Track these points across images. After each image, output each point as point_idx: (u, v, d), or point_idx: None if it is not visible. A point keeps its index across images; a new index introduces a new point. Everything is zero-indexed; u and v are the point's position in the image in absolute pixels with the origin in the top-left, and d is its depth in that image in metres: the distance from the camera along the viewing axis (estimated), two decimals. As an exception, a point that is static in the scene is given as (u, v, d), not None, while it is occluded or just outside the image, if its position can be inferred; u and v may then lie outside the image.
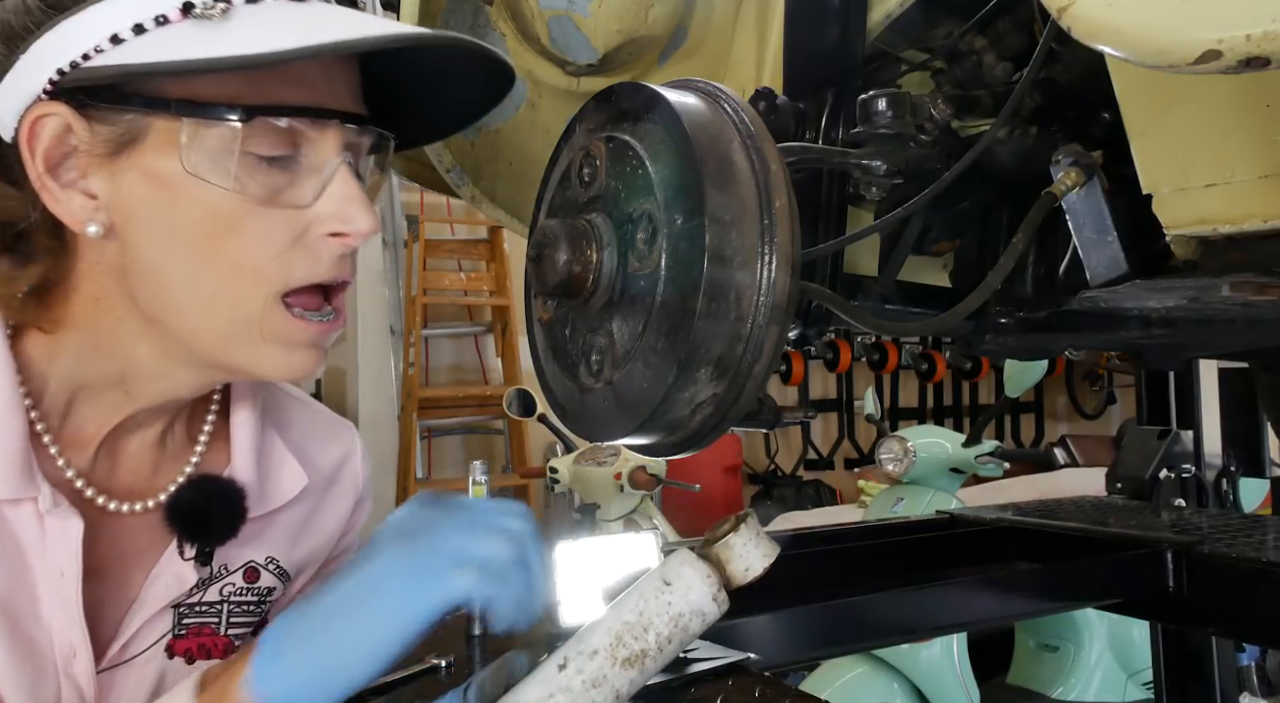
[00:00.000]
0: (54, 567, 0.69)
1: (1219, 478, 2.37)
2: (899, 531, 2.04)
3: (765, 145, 0.84)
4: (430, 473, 5.10)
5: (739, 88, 1.31)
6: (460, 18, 1.51)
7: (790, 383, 5.46)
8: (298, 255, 0.67)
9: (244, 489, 0.78)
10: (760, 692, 1.11)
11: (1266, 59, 0.58)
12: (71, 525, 0.69)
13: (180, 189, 0.64)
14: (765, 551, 0.63)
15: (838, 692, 2.71)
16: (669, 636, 0.61)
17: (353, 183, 0.68)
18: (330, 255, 0.68)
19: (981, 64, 1.30)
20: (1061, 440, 6.14)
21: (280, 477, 0.83)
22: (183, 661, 0.76)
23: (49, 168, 0.64)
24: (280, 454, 0.84)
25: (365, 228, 0.67)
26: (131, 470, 0.77)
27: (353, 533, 0.93)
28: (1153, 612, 1.96)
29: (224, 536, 0.76)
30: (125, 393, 0.72)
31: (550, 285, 0.88)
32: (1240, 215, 0.89)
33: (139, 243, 0.66)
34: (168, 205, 0.65)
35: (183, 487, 0.77)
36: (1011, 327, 1.33)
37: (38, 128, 0.64)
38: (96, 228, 0.65)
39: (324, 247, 0.68)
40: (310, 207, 0.67)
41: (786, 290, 0.82)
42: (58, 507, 0.69)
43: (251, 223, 0.65)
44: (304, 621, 0.60)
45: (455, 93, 0.76)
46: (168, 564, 0.76)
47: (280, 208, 0.66)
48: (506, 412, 3.67)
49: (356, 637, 0.59)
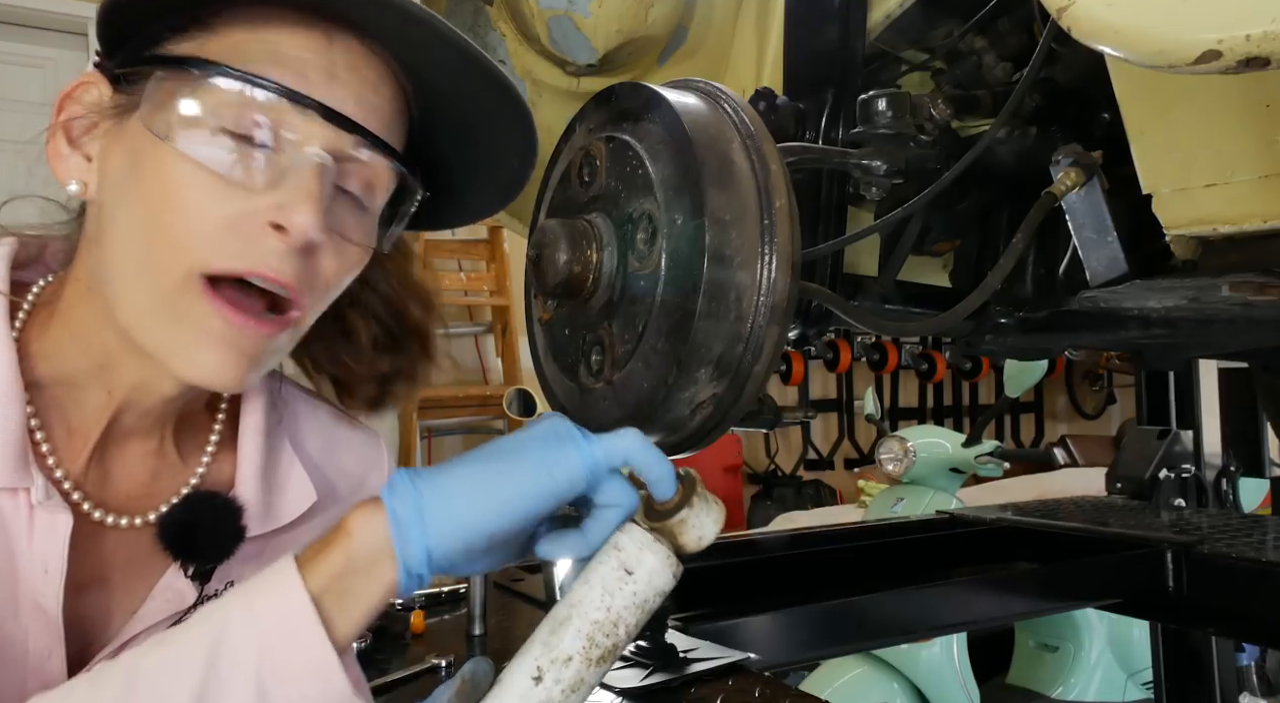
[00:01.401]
0: (39, 563, 0.67)
1: (1219, 478, 2.37)
2: (899, 531, 2.05)
3: (765, 145, 0.84)
4: (430, 473, 5.10)
5: (739, 88, 1.31)
6: (460, 18, 1.51)
7: (790, 383, 5.46)
8: (229, 238, 0.63)
9: (242, 508, 0.75)
10: (760, 692, 1.11)
11: (1266, 59, 0.58)
12: (60, 521, 0.67)
13: (144, 150, 0.65)
14: (715, 515, 0.63)
15: (838, 692, 2.72)
16: (637, 623, 0.61)
17: (314, 183, 0.63)
18: (265, 248, 0.63)
19: (981, 64, 1.30)
20: (1061, 440, 6.14)
21: (287, 494, 0.80)
22: None
23: (66, 128, 0.68)
24: (289, 470, 0.81)
25: (301, 223, 0.62)
26: (127, 482, 0.75)
27: None
28: (1153, 612, 1.96)
29: (216, 556, 0.74)
30: (107, 392, 0.71)
31: (550, 285, 0.88)
32: (1240, 215, 0.89)
33: (104, 204, 0.67)
34: (131, 166, 0.65)
35: (176, 504, 0.75)
36: (1011, 327, 1.33)
37: (77, 92, 0.69)
38: (76, 185, 0.67)
39: (261, 237, 0.63)
40: (260, 193, 0.63)
41: (786, 290, 0.82)
42: (49, 499, 0.67)
43: (193, 192, 0.63)
44: (438, 473, 0.61)
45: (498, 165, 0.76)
46: (171, 580, 0.74)
47: (228, 184, 0.63)
48: (506, 412, 3.66)
49: (507, 481, 0.61)
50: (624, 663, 1.21)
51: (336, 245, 0.68)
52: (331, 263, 0.68)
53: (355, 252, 0.70)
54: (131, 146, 0.66)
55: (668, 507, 0.63)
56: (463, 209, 0.82)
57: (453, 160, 0.77)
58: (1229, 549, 1.71)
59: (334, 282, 0.69)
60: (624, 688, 1.14)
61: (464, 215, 0.83)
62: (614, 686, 1.16)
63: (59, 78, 4.30)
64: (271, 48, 0.65)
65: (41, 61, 4.19)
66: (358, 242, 0.70)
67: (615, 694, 1.14)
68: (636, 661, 1.21)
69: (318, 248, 0.66)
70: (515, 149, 0.75)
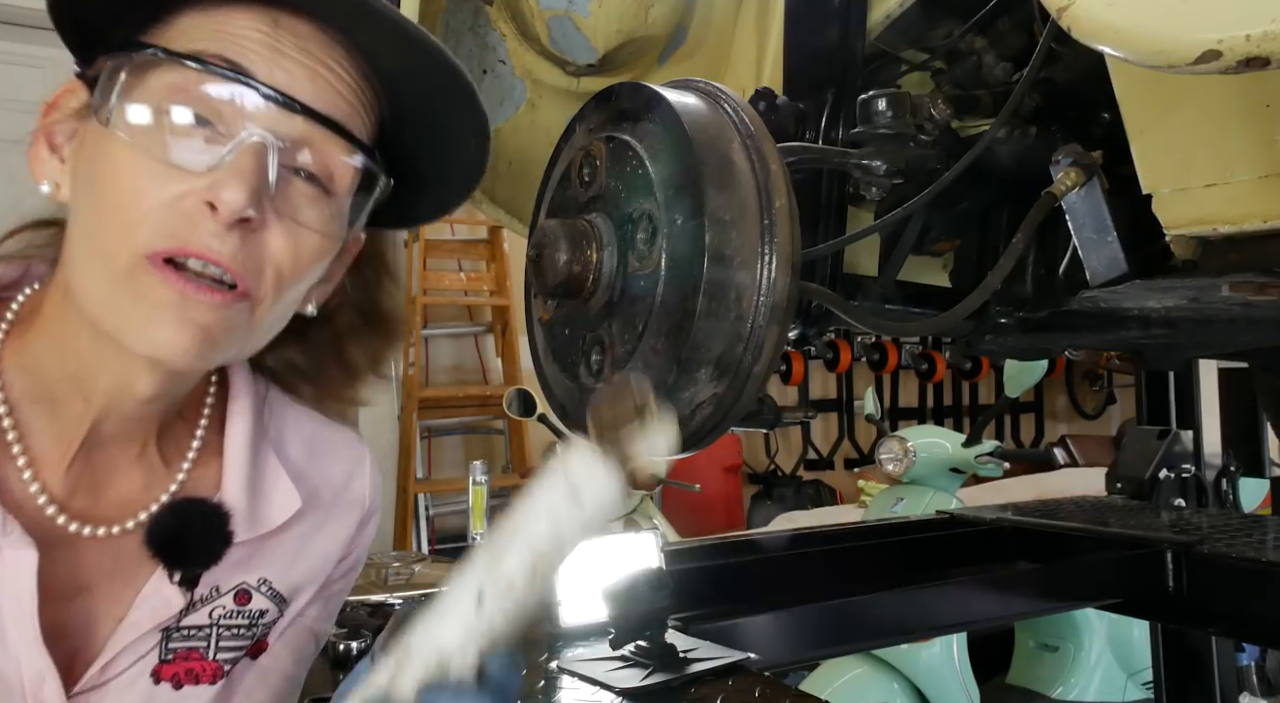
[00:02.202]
0: (12, 595, 0.66)
1: (1219, 478, 2.37)
2: (899, 531, 2.05)
3: (765, 145, 0.84)
4: (430, 473, 5.10)
5: (739, 88, 1.31)
6: (460, 18, 1.51)
7: (790, 383, 5.46)
8: (169, 218, 0.63)
9: (229, 514, 0.75)
10: (760, 692, 1.11)
11: (1266, 59, 0.58)
12: (25, 556, 0.66)
13: (97, 141, 0.66)
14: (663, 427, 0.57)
15: (838, 692, 2.72)
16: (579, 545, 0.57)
17: (247, 161, 0.63)
18: (202, 228, 0.63)
19: (981, 64, 1.30)
20: (1061, 440, 6.14)
21: (273, 500, 0.80)
22: (169, 686, 0.74)
23: (48, 134, 0.70)
24: (274, 476, 0.81)
25: (230, 200, 0.62)
26: (111, 491, 0.74)
27: (358, 551, 0.89)
28: (1153, 612, 1.96)
29: (205, 562, 0.73)
30: (84, 401, 0.70)
31: (550, 285, 0.88)
32: (1240, 215, 0.89)
33: (72, 202, 0.69)
34: (89, 158, 0.67)
35: (163, 510, 0.74)
36: (1011, 327, 1.33)
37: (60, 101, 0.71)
38: (49, 186, 0.70)
39: (198, 217, 0.63)
40: (201, 175, 0.64)
41: (786, 290, 0.82)
42: (8, 536, 0.66)
43: (135, 177, 0.64)
44: None
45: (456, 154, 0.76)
46: (157, 587, 0.74)
47: (169, 167, 0.64)
48: (506, 412, 3.66)
49: None
50: (624, 663, 1.21)
51: (288, 229, 0.67)
52: (281, 246, 0.67)
53: (312, 237, 0.69)
54: (91, 142, 0.67)
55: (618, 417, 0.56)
56: (434, 201, 0.81)
57: (418, 150, 0.77)
58: (1229, 549, 1.71)
59: (289, 267, 0.68)
60: (624, 688, 1.14)
61: (434, 208, 0.82)
62: (614, 686, 1.16)
63: (59, 78, 4.27)
64: (215, 32, 0.66)
65: (41, 61, 4.19)
66: (312, 226, 0.69)
67: (615, 694, 1.14)
68: (636, 661, 1.21)
69: (262, 229, 0.66)
70: (470, 129, 0.74)
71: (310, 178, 0.68)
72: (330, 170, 0.69)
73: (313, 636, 0.86)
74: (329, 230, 0.70)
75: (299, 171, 0.68)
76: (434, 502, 4.98)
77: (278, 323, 0.73)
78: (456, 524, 4.97)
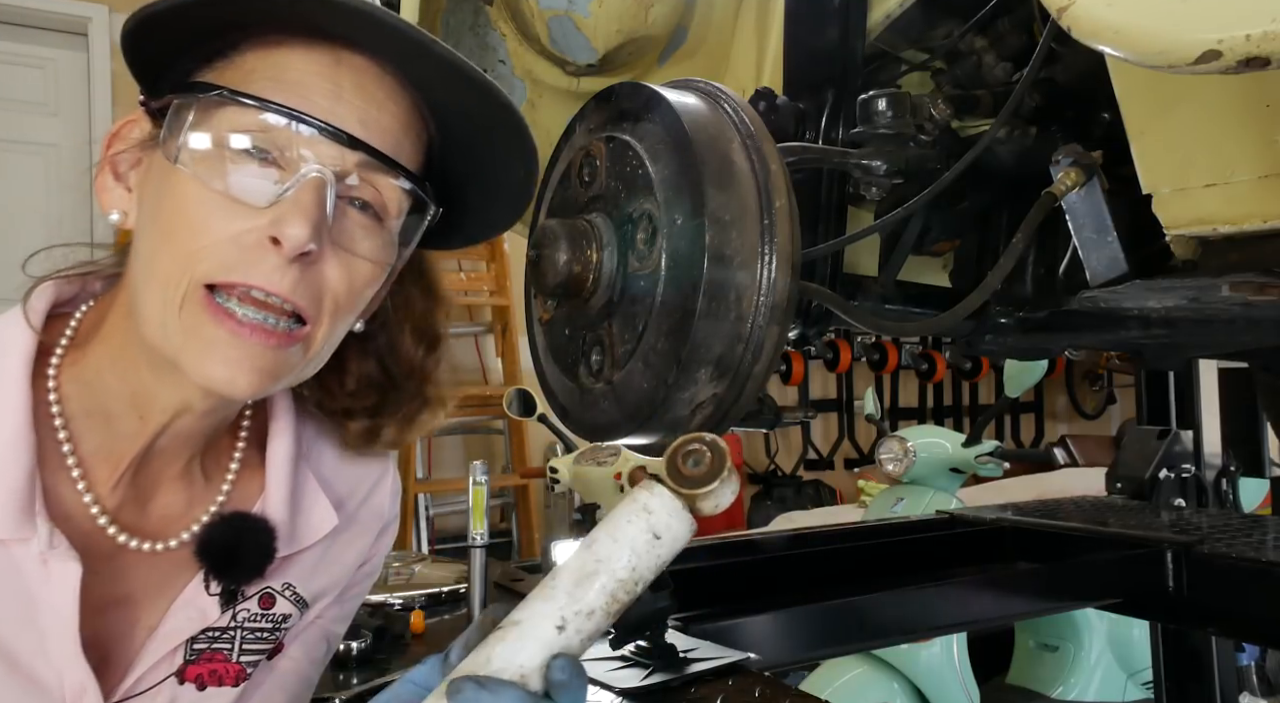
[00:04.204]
0: (55, 607, 0.68)
1: (1219, 478, 2.37)
2: (899, 531, 2.04)
3: (765, 145, 0.84)
4: (430, 473, 5.10)
5: (739, 88, 1.31)
6: (460, 18, 1.51)
7: (790, 383, 5.46)
8: (231, 251, 0.66)
9: (275, 529, 0.77)
10: (760, 692, 1.11)
11: (1266, 59, 0.58)
12: (70, 570, 0.68)
13: (164, 175, 0.68)
14: (734, 487, 0.64)
15: (838, 692, 2.71)
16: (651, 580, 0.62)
17: (309, 197, 0.66)
18: (264, 262, 0.66)
19: (981, 64, 1.30)
20: (1061, 440, 6.13)
21: (312, 517, 0.82)
22: (193, 687, 0.76)
23: (113, 164, 0.73)
24: (313, 493, 0.83)
25: (294, 236, 0.64)
26: (159, 507, 0.76)
27: (375, 560, 0.91)
28: (1153, 612, 1.96)
29: (251, 575, 0.76)
30: (140, 418, 0.72)
31: (550, 285, 0.88)
32: (1240, 215, 0.89)
33: (137, 228, 0.71)
34: (155, 191, 0.69)
35: (215, 523, 0.76)
36: (1011, 327, 1.33)
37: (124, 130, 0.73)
38: (118, 215, 0.72)
39: (260, 251, 0.66)
40: (263, 211, 0.66)
41: (786, 290, 0.82)
42: (54, 549, 0.68)
43: (200, 211, 0.66)
44: None
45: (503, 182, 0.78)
46: (193, 597, 0.76)
47: (233, 202, 0.66)
48: (506, 412, 3.64)
49: None
50: (624, 663, 1.21)
51: (343, 260, 0.70)
52: (337, 276, 0.69)
53: (366, 266, 0.71)
54: (157, 173, 0.70)
55: (697, 474, 0.63)
56: (481, 224, 0.83)
57: (467, 176, 0.79)
58: (1229, 549, 1.71)
59: (344, 295, 0.71)
60: (624, 688, 1.14)
61: (483, 230, 0.84)
62: (614, 686, 1.15)
63: (59, 78, 4.30)
64: (279, 71, 0.68)
65: (41, 61, 4.19)
66: (367, 256, 0.71)
67: (615, 694, 1.14)
68: (636, 661, 1.21)
69: (320, 261, 0.68)
70: (519, 156, 0.76)
71: (364, 207, 0.71)
72: (383, 199, 0.72)
73: (326, 637, 0.88)
74: (381, 258, 0.73)
75: (354, 201, 0.70)
76: (434, 502, 4.97)
77: (330, 348, 0.75)
78: (456, 524, 4.97)
